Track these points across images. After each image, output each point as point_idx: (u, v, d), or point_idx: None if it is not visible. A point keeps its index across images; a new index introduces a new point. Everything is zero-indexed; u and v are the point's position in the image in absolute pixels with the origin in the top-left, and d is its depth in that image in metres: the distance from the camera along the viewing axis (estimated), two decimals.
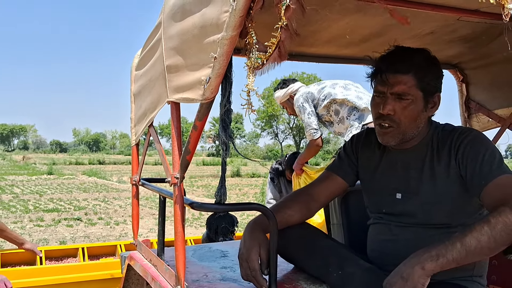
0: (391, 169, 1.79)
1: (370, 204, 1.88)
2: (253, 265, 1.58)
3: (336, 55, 2.44)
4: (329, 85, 3.86)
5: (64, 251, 3.90)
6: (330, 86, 3.83)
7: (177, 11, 1.48)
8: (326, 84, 3.91)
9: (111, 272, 3.29)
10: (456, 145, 1.64)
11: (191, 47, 1.38)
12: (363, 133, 1.96)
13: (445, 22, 1.93)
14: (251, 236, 1.63)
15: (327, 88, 3.84)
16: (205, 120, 1.35)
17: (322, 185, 1.92)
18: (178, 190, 1.54)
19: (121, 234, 8.65)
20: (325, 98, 3.78)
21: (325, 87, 3.86)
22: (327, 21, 1.87)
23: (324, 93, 3.82)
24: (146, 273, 1.90)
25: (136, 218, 2.42)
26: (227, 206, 1.54)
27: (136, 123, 2.33)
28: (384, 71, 1.67)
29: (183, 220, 1.55)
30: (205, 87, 1.25)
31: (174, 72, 1.55)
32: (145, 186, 2.18)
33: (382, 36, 2.09)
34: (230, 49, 1.16)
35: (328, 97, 3.76)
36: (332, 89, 3.80)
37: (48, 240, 7.95)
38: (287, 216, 1.78)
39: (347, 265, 1.63)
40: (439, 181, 1.65)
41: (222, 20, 1.14)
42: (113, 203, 13.30)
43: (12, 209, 11.38)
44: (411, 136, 1.70)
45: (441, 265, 1.39)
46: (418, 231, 1.67)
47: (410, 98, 1.64)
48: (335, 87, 3.81)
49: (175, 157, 1.57)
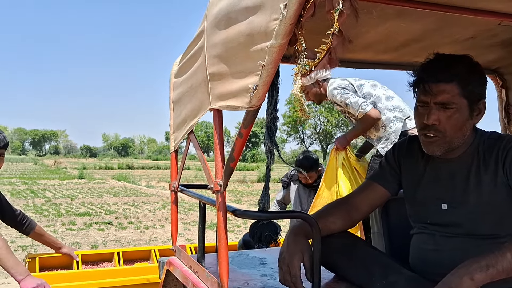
0: (435, 179, 1.75)
1: (413, 214, 1.84)
2: (295, 271, 1.57)
3: (373, 61, 2.42)
4: (368, 85, 3.60)
5: (100, 255, 3.96)
6: (370, 87, 3.59)
7: (222, 19, 1.49)
8: (364, 82, 3.64)
9: (147, 277, 3.32)
10: (503, 153, 1.59)
11: (236, 55, 1.39)
12: (405, 141, 1.92)
13: (486, 27, 1.89)
14: (295, 242, 1.62)
15: (367, 87, 3.59)
16: (251, 127, 1.36)
17: (363, 194, 1.89)
18: (221, 197, 1.55)
19: (151, 238, 8.72)
20: (364, 97, 3.54)
21: (364, 85, 3.60)
22: (366, 26, 1.86)
23: (364, 91, 3.56)
24: (187, 279, 1.91)
25: (175, 224, 2.43)
26: (270, 214, 1.54)
27: (175, 130, 2.35)
28: (426, 81, 1.63)
29: (226, 227, 1.55)
30: (252, 95, 1.25)
31: (218, 80, 1.55)
32: (184, 193, 2.20)
33: (421, 42, 2.06)
34: (279, 57, 1.16)
35: (369, 97, 3.53)
36: (372, 90, 3.56)
37: (80, 243, 8.07)
38: (329, 223, 1.77)
39: (390, 274, 1.61)
40: (485, 191, 1.61)
41: (271, 28, 1.13)
42: (142, 207, 13.43)
43: (45, 212, 11.60)
44: (456, 145, 1.66)
45: (491, 276, 1.35)
46: (464, 242, 1.64)
47: (455, 107, 1.60)
48: (375, 88, 3.58)
49: (218, 164, 1.58)
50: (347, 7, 1.03)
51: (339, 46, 1.09)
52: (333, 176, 3.51)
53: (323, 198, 3.50)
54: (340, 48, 1.09)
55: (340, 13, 1.02)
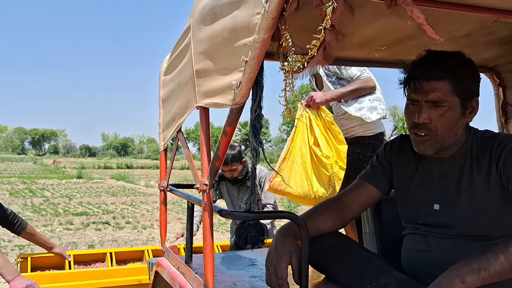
0: (427, 179, 1.71)
1: (405, 215, 1.80)
2: (282, 273, 1.54)
3: (367, 59, 2.38)
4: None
5: (92, 255, 3.94)
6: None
7: (207, 15, 1.45)
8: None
9: (138, 278, 3.29)
10: (497, 152, 1.55)
11: (221, 51, 1.35)
12: (396, 140, 1.88)
13: (482, 24, 1.85)
14: (283, 243, 1.59)
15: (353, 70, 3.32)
16: (235, 125, 1.32)
17: (355, 194, 1.85)
18: (207, 197, 1.51)
19: (148, 238, 8.70)
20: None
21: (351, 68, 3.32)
22: (359, 23, 1.82)
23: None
24: (174, 280, 1.88)
25: (164, 224, 2.40)
26: (257, 214, 1.51)
27: (164, 129, 2.31)
28: (417, 78, 1.59)
29: (212, 228, 1.51)
30: (236, 92, 1.21)
31: (204, 77, 1.52)
32: (173, 192, 2.16)
33: (415, 39, 2.02)
34: (262, 52, 1.12)
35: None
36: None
37: (77, 243, 8.05)
38: (319, 223, 1.73)
39: (381, 276, 1.57)
40: (479, 191, 1.57)
41: (254, 23, 1.10)
42: (140, 207, 13.41)
43: (43, 212, 11.57)
44: (449, 144, 1.62)
45: (482, 278, 1.32)
46: (457, 243, 1.60)
47: (447, 105, 1.56)
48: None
49: (204, 163, 1.54)
50: (340, 3, 0.99)
51: (333, 41, 1.05)
52: (304, 133, 3.16)
53: (291, 160, 3.15)
54: (334, 42, 1.06)
55: (334, 9, 0.99)
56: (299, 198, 3.11)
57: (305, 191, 3.03)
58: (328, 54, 1.11)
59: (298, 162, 3.13)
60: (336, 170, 3.12)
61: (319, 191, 3.03)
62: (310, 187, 3.04)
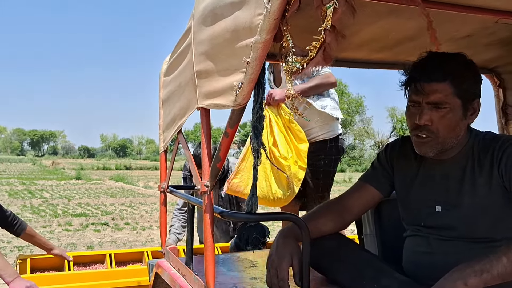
0: (429, 181, 1.70)
1: (406, 217, 1.80)
2: (282, 275, 1.53)
3: (368, 60, 2.38)
4: None
5: (92, 257, 3.91)
6: None
7: (208, 15, 1.45)
8: None
9: (138, 280, 3.27)
10: (498, 154, 1.55)
11: (222, 52, 1.35)
12: (398, 141, 1.88)
13: (483, 25, 1.85)
14: (284, 244, 1.58)
15: None
16: (237, 127, 1.32)
17: (355, 195, 1.85)
18: (208, 199, 1.50)
19: (147, 239, 8.67)
20: None
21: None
22: (359, 24, 1.82)
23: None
24: (174, 282, 1.87)
25: (164, 226, 2.39)
26: (258, 216, 1.50)
27: (165, 130, 2.30)
28: (418, 80, 1.58)
29: (213, 229, 1.51)
30: (237, 93, 1.21)
31: (204, 78, 1.51)
32: (174, 194, 2.16)
33: (416, 40, 2.02)
34: (264, 53, 1.12)
35: None
36: None
37: (76, 244, 8.03)
38: (320, 225, 1.73)
39: (382, 278, 1.57)
40: (481, 192, 1.56)
41: (256, 23, 1.09)
42: (139, 208, 13.38)
43: (42, 213, 11.54)
44: (450, 146, 1.62)
45: (485, 281, 1.32)
46: (458, 245, 1.60)
47: (448, 107, 1.56)
48: None
49: (205, 165, 1.53)
50: (342, 4, 0.99)
51: (333, 42, 1.05)
52: (264, 133, 3.10)
53: (250, 160, 3.04)
54: (334, 43, 1.05)
55: (334, 10, 0.98)
56: (258, 199, 3.05)
57: (264, 193, 2.97)
58: (328, 55, 1.11)
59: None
60: (295, 170, 3.05)
61: (277, 193, 2.99)
62: (269, 188, 2.99)
